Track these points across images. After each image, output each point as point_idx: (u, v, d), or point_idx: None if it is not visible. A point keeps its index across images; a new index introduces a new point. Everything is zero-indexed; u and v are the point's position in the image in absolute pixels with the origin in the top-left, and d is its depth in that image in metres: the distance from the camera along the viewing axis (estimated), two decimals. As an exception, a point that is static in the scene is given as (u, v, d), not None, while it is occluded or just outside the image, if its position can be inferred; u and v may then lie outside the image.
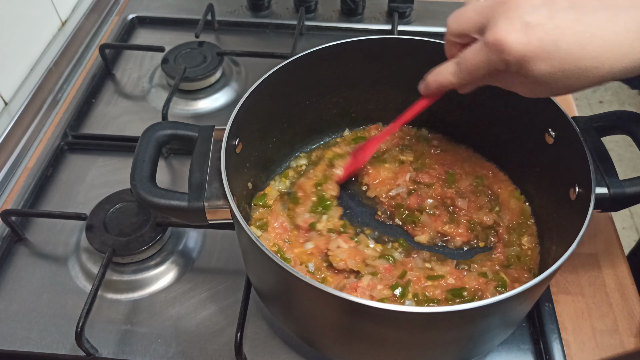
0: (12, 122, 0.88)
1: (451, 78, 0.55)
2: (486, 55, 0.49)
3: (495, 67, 0.49)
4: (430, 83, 0.58)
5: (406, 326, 0.51)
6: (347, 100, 0.79)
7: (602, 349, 0.66)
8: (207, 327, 0.68)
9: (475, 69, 0.51)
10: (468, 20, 0.52)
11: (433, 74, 0.58)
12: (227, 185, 0.55)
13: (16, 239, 0.77)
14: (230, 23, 1.11)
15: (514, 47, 0.46)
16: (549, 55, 0.46)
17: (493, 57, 0.48)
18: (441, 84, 0.57)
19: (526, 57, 0.46)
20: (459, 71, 0.54)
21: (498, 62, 0.48)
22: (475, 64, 0.51)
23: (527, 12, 0.46)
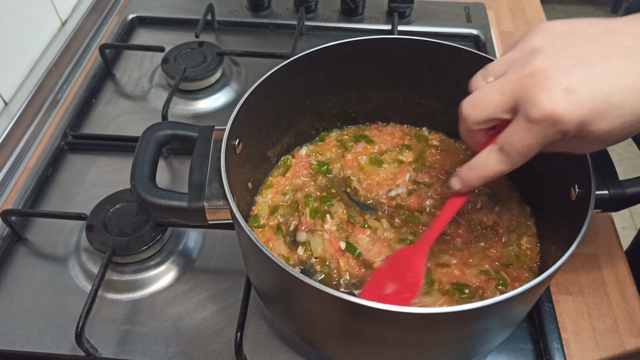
0: (12, 122, 0.88)
1: (500, 167, 0.50)
2: (538, 132, 0.46)
3: (551, 140, 0.47)
4: (471, 180, 0.53)
5: (406, 326, 0.51)
6: (347, 100, 0.79)
7: (602, 349, 0.66)
8: (207, 327, 0.68)
9: (529, 150, 0.48)
10: (494, 103, 0.48)
11: (472, 168, 0.53)
12: (227, 185, 0.55)
13: (16, 239, 0.77)
14: (230, 23, 1.11)
15: (569, 116, 0.44)
16: (606, 114, 0.44)
17: (547, 132, 0.46)
18: (487, 176, 0.52)
19: (584, 122, 0.44)
20: (508, 157, 0.49)
21: (554, 135, 0.46)
22: (526, 144, 0.47)
23: (562, 77, 0.44)
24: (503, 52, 0.52)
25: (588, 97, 0.44)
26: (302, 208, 0.71)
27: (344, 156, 0.78)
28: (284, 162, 0.77)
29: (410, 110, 0.81)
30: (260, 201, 0.73)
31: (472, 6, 1.15)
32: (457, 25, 1.10)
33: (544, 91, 0.44)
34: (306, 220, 0.70)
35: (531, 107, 0.45)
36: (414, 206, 0.72)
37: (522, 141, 0.47)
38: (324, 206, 0.72)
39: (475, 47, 1.06)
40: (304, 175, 0.76)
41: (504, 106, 0.48)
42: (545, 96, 0.44)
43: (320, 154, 0.78)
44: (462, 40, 1.08)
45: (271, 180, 0.76)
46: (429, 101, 0.78)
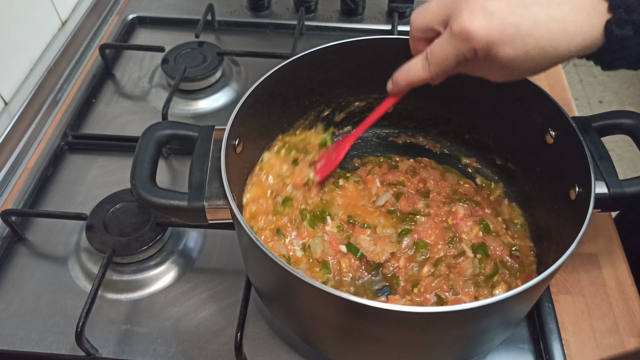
0: (12, 122, 0.88)
1: (422, 73, 0.56)
2: (454, 45, 0.51)
3: (464, 56, 0.51)
4: (399, 81, 0.59)
5: (406, 326, 0.51)
6: (347, 100, 0.79)
7: (602, 349, 0.66)
8: (207, 327, 0.68)
9: (445, 61, 0.53)
10: (432, 14, 0.54)
11: (402, 71, 0.59)
12: (227, 185, 0.55)
13: (16, 239, 0.77)
14: (230, 23, 1.11)
15: (479, 33, 0.49)
16: (511, 39, 0.48)
17: (461, 46, 0.50)
18: (412, 80, 0.58)
19: (491, 43, 0.49)
20: (428, 65, 0.55)
21: (466, 51, 0.51)
22: (444, 55, 0.52)
23: (485, 1, 0.49)
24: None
25: (500, 21, 0.48)
26: (298, 222, 0.70)
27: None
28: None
29: (409, 110, 0.81)
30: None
31: (472, 6, 1.14)
32: (457, 25, 1.10)
33: (468, 10, 0.49)
34: (307, 230, 0.70)
35: (454, 21, 0.50)
36: (406, 209, 0.72)
37: (441, 51, 0.53)
38: (322, 213, 0.71)
39: (475, 47, 1.06)
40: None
41: (439, 18, 0.53)
42: (467, 14, 0.49)
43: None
44: (462, 40, 1.08)
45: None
46: (427, 99, 0.78)
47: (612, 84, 2.61)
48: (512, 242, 0.68)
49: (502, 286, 0.63)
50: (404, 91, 0.61)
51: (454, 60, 0.52)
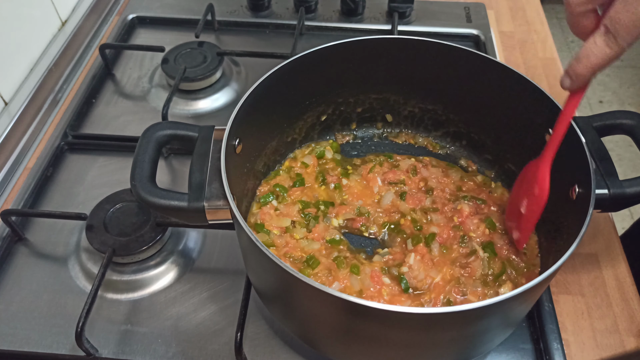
0: (12, 122, 0.88)
1: (609, 51, 0.47)
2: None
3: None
4: (581, 71, 0.50)
5: (406, 326, 0.51)
6: (347, 100, 0.79)
7: (602, 349, 0.66)
8: (207, 327, 0.68)
9: (634, 26, 0.45)
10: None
11: (580, 60, 0.50)
12: (227, 185, 0.55)
13: (16, 239, 0.77)
14: (230, 23, 1.11)
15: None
16: None
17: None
18: (597, 64, 0.49)
19: None
20: (615, 38, 0.46)
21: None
22: (632, 20, 0.44)
23: None
24: None
25: None
26: (334, 271, 0.65)
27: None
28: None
29: (409, 110, 0.81)
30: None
31: (472, 6, 1.15)
32: (457, 25, 1.10)
33: None
34: (345, 275, 0.65)
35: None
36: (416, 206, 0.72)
37: (629, 15, 0.44)
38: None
39: (475, 47, 1.06)
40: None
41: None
42: None
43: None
44: (462, 40, 1.08)
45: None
46: (428, 100, 0.78)
47: (612, 84, 2.61)
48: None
49: (508, 285, 0.63)
50: (588, 82, 0.52)
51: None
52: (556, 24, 3.01)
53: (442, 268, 0.65)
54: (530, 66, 1.04)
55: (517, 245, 0.66)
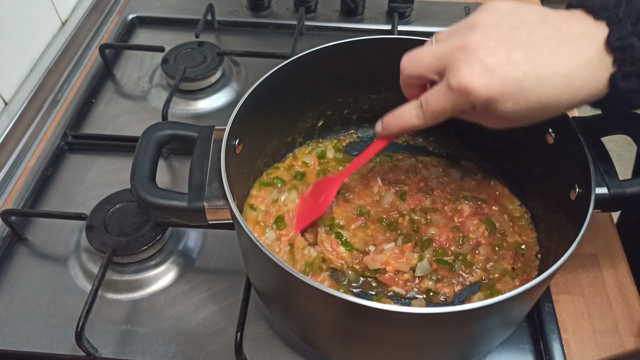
0: (12, 122, 0.88)
1: (415, 121, 0.55)
2: (451, 99, 0.50)
3: (461, 108, 0.51)
4: (391, 126, 0.58)
5: (406, 326, 0.51)
6: (347, 100, 0.79)
7: (602, 349, 0.66)
8: (207, 327, 0.68)
9: (441, 112, 0.52)
10: (426, 63, 0.53)
11: (394, 116, 0.58)
12: (227, 186, 0.55)
13: (16, 239, 0.77)
14: (230, 23, 1.11)
15: (479, 90, 0.48)
16: (513, 96, 0.48)
17: (459, 100, 0.50)
18: (404, 127, 0.57)
19: (492, 99, 0.48)
20: (423, 114, 0.54)
21: (464, 104, 0.50)
22: (440, 107, 0.52)
23: (485, 55, 0.48)
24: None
25: (500, 77, 0.47)
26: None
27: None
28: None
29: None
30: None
31: (472, 6, 1.15)
32: (457, 25, 1.10)
33: (466, 64, 0.48)
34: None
35: (452, 75, 0.49)
36: (416, 206, 0.72)
37: (438, 103, 0.52)
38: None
39: (475, 47, 1.06)
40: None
41: (433, 68, 0.52)
42: (466, 69, 0.48)
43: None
44: (462, 40, 1.08)
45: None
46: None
47: (612, 84, 2.61)
48: (519, 241, 0.68)
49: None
50: (395, 136, 0.60)
51: (450, 112, 0.52)
52: (556, 24, 3.00)
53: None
54: (530, 66, 1.04)
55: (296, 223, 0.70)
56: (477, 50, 0.48)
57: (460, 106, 0.51)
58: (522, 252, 0.67)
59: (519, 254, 0.67)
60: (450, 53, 0.50)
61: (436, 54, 0.52)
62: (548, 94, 0.48)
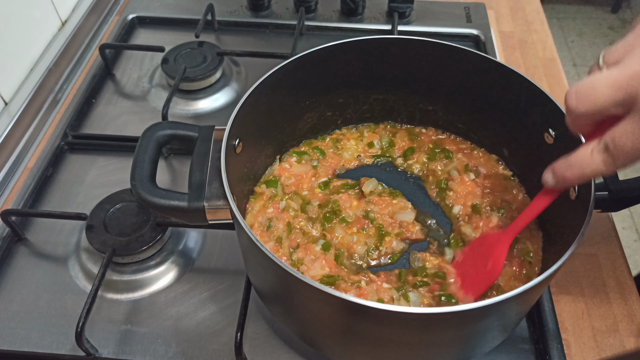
0: (12, 122, 0.88)
1: (604, 168, 0.46)
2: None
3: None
4: (568, 177, 0.49)
5: (406, 326, 0.51)
6: (347, 100, 0.79)
7: (602, 349, 0.66)
8: (207, 327, 0.68)
9: (636, 153, 0.43)
10: (603, 97, 0.43)
11: (570, 165, 0.48)
12: (227, 185, 0.55)
13: (16, 239, 0.77)
14: (230, 23, 1.11)
15: None
16: None
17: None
18: (588, 176, 0.48)
19: None
20: (614, 159, 0.45)
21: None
22: (635, 147, 0.43)
23: None
24: (628, 30, 0.46)
25: None
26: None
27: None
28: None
29: (409, 111, 0.81)
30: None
31: (472, 6, 1.15)
32: (457, 25, 1.10)
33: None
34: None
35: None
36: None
37: (634, 143, 0.42)
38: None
39: (475, 47, 1.06)
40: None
41: (614, 101, 0.43)
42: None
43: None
44: (462, 40, 1.08)
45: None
46: (428, 101, 0.78)
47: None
48: (528, 249, 0.67)
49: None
50: (571, 186, 0.52)
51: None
52: (556, 24, 3.01)
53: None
54: (530, 66, 1.04)
55: (464, 291, 0.62)
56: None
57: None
58: (530, 261, 0.66)
59: (526, 262, 0.66)
60: (634, 81, 0.41)
61: (617, 84, 0.42)
62: None
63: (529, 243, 0.68)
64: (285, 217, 0.70)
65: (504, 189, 0.74)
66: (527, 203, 0.71)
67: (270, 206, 0.71)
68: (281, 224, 0.69)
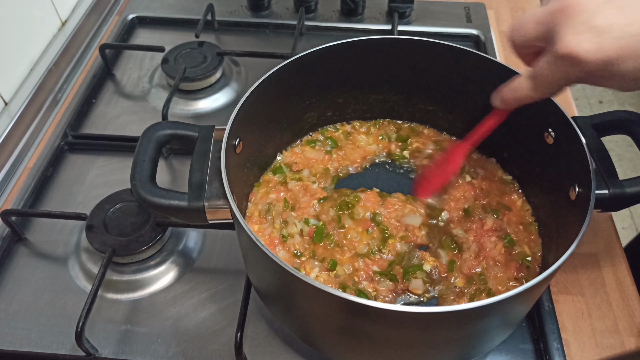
0: (12, 122, 0.88)
1: (530, 93, 0.53)
2: (563, 68, 0.47)
3: (576, 77, 0.47)
4: (507, 98, 0.56)
5: (406, 326, 0.51)
6: (347, 100, 0.79)
7: (602, 349, 0.66)
8: (207, 327, 0.68)
9: (554, 83, 0.49)
10: (529, 31, 0.49)
11: (509, 89, 0.55)
12: (227, 185, 0.55)
13: (16, 239, 0.77)
14: (230, 23, 1.11)
15: (590, 56, 0.44)
16: (633, 53, 0.43)
17: (570, 69, 0.46)
18: (519, 99, 0.55)
19: (608, 62, 0.44)
20: (536, 86, 0.51)
21: (577, 73, 0.46)
22: (553, 78, 0.49)
23: (592, 14, 0.44)
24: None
25: (615, 37, 0.43)
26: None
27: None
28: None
29: (409, 111, 0.81)
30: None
31: (472, 6, 1.15)
32: (457, 25, 1.10)
33: (570, 28, 0.44)
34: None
35: (557, 42, 0.45)
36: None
37: (549, 74, 0.48)
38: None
39: (475, 47, 1.06)
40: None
41: (538, 35, 0.49)
42: (571, 33, 0.44)
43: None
44: (462, 40, 1.08)
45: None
46: (428, 101, 0.78)
47: (612, 84, 2.61)
48: (526, 252, 0.67)
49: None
50: (513, 108, 0.58)
51: (564, 82, 0.49)
52: (556, 24, 3.00)
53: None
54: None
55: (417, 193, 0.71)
56: (583, 10, 0.44)
57: (573, 74, 0.47)
58: (527, 265, 0.66)
59: (523, 266, 0.66)
60: (553, 16, 0.46)
61: (538, 19, 0.48)
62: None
63: (527, 247, 0.68)
64: (287, 196, 0.71)
65: (502, 192, 0.74)
66: (525, 207, 0.72)
67: (273, 192, 0.72)
68: (281, 204, 0.71)
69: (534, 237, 0.69)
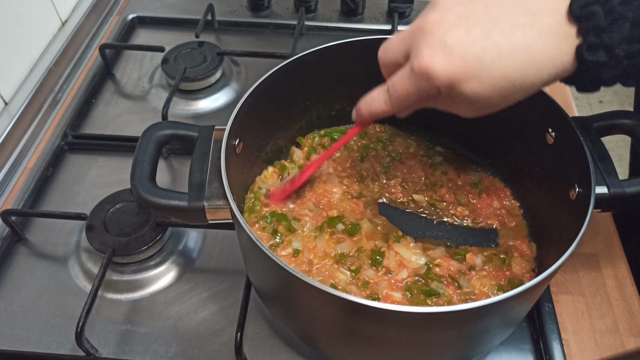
0: (12, 122, 0.88)
1: (384, 106, 0.53)
2: (415, 82, 0.48)
3: (427, 93, 0.49)
4: (362, 112, 0.56)
5: (406, 326, 0.51)
6: (347, 100, 0.79)
7: (602, 349, 0.66)
8: (207, 327, 0.68)
9: (406, 97, 0.50)
10: (394, 48, 0.52)
11: (365, 102, 0.56)
12: (227, 185, 0.55)
13: (16, 239, 0.77)
14: (230, 23, 1.12)
15: (440, 71, 0.46)
16: (475, 73, 0.45)
17: (422, 84, 0.48)
18: (374, 112, 0.55)
19: (455, 80, 0.46)
20: (390, 99, 0.52)
21: (428, 88, 0.48)
22: (405, 91, 0.50)
23: (443, 34, 0.46)
24: None
25: (460, 55, 0.45)
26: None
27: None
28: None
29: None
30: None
31: (472, 6, 1.14)
32: (457, 25, 1.10)
33: (426, 44, 0.47)
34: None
35: (414, 57, 0.48)
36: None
37: (402, 87, 0.50)
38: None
39: (475, 47, 1.06)
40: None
41: (400, 53, 0.51)
42: (425, 49, 0.46)
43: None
44: (462, 40, 1.08)
45: None
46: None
47: (612, 84, 2.61)
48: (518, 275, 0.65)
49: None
50: (368, 122, 0.58)
51: (415, 97, 0.50)
52: (556, 24, 3.00)
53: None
54: (530, 66, 1.04)
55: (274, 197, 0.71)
56: (436, 29, 0.46)
57: (424, 90, 0.48)
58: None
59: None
60: (413, 35, 0.49)
61: (402, 38, 0.50)
62: (511, 68, 0.45)
63: (519, 257, 0.67)
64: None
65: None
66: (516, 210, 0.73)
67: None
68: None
69: (529, 244, 0.68)
